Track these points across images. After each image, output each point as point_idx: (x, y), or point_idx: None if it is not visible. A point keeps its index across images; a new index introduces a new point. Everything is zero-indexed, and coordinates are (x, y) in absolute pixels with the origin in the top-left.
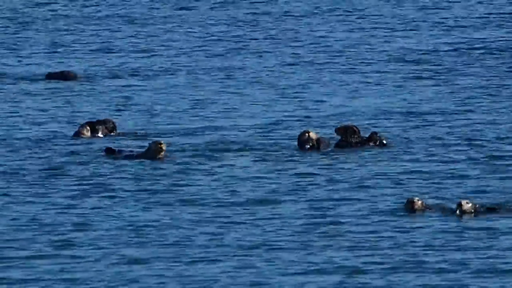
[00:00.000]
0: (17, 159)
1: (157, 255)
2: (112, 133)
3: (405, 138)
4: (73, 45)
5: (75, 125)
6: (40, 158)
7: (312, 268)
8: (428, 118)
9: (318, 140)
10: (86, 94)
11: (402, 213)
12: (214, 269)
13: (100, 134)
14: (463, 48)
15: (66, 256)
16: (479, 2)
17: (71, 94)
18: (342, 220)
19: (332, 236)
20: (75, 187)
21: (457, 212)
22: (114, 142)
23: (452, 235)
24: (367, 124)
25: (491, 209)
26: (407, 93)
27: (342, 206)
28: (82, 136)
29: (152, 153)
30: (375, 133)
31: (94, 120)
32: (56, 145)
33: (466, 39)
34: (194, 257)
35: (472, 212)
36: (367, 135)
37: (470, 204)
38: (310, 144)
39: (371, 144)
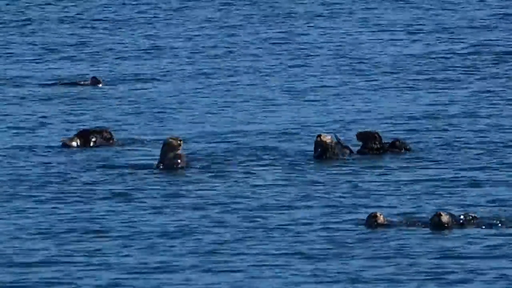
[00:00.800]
0: (23, 166)
1: (172, 262)
2: (107, 142)
3: (426, 143)
4: (81, 49)
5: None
6: (48, 165)
7: (326, 276)
8: (449, 122)
9: (325, 146)
10: (97, 99)
11: (418, 222)
12: (229, 277)
13: (91, 144)
14: (479, 51)
15: (76, 263)
16: (489, 4)
17: (81, 99)
18: (358, 228)
19: (348, 244)
20: (89, 194)
21: (436, 222)
22: (109, 151)
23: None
24: (388, 129)
25: (468, 221)
26: (425, 97)
27: (359, 213)
28: (69, 146)
29: (170, 148)
30: (398, 140)
31: (89, 129)
32: (61, 152)
33: (482, 41)
34: (209, 264)
35: (449, 224)
36: (389, 141)
37: (448, 216)
38: (318, 150)
39: (395, 150)
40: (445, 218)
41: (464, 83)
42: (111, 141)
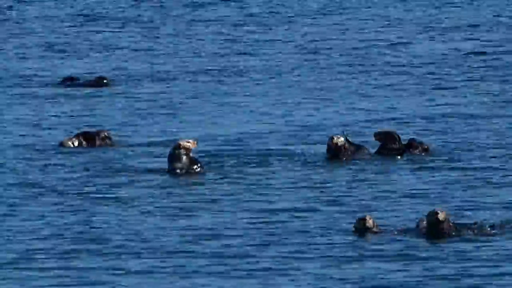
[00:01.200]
0: (24, 167)
1: (186, 266)
2: (106, 144)
3: (443, 144)
4: (86, 47)
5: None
6: (50, 166)
7: (343, 281)
8: (469, 122)
9: (338, 147)
10: (103, 98)
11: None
12: (243, 281)
13: (86, 145)
14: (497, 50)
15: (87, 268)
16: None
17: (85, 98)
18: (375, 231)
19: (364, 248)
20: (97, 197)
21: (433, 220)
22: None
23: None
24: (404, 130)
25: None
26: (441, 97)
27: (375, 217)
28: (66, 147)
29: (184, 152)
30: (414, 139)
31: (89, 130)
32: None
33: (499, 40)
34: (223, 268)
35: (446, 222)
36: (406, 142)
37: (445, 213)
38: (331, 151)
39: (414, 151)
40: (442, 215)
41: (481, 83)
42: (110, 143)
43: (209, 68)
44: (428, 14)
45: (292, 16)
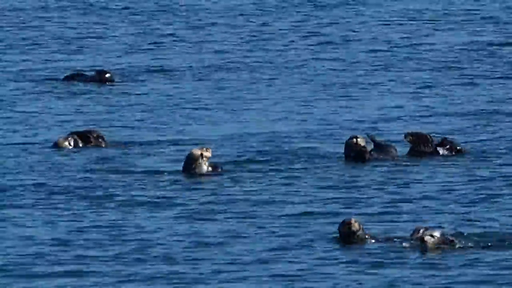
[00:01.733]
0: (23, 167)
1: (209, 272)
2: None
3: (475, 144)
4: (88, 41)
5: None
6: (51, 166)
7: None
8: (503, 119)
9: (363, 148)
10: (104, 95)
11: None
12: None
13: (80, 144)
14: None
15: (99, 272)
16: None
17: (86, 95)
18: (396, 235)
19: (390, 254)
20: (106, 200)
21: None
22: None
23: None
24: (434, 128)
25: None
26: (476, 92)
27: (399, 221)
28: (61, 147)
29: (203, 160)
30: (445, 138)
31: (83, 130)
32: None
33: None
34: (243, 273)
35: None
36: (437, 141)
37: (434, 239)
38: (353, 153)
39: (444, 151)
40: (430, 243)
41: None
42: (103, 143)
43: (221, 63)
44: (451, 6)
45: (308, 6)
